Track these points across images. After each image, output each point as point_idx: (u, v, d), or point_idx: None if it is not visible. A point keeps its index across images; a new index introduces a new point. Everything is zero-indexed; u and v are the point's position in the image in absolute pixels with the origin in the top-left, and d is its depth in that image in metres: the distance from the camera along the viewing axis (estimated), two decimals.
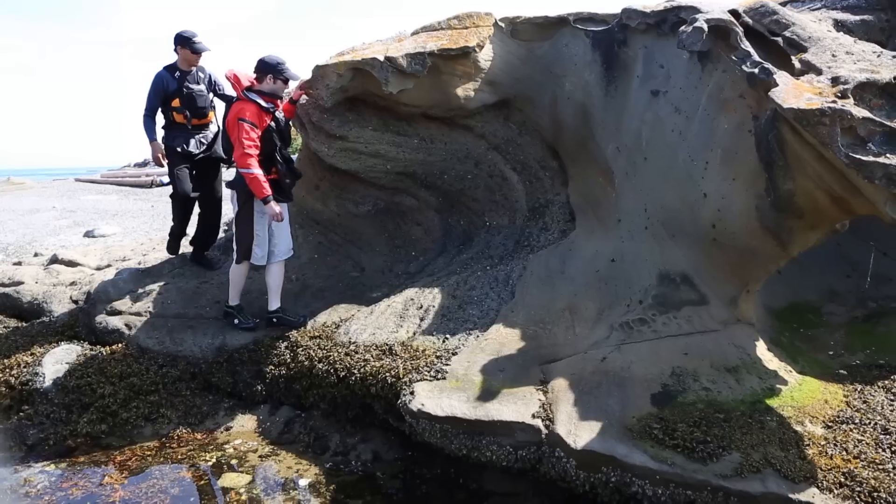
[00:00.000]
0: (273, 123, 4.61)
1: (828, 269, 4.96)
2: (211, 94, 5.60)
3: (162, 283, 5.52)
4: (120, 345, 4.90)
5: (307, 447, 4.14)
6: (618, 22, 4.75)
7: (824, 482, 2.83)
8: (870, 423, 3.18)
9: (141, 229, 9.68)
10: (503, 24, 5.19)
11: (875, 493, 2.73)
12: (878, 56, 3.55)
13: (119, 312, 5.14)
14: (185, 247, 6.66)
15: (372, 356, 4.13)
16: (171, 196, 5.73)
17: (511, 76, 5.22)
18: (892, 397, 3.41)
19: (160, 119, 5.52)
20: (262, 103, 4.56)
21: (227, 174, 5.63)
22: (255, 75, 4.63)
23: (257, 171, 4.47)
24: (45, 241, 9.05)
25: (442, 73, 4.98)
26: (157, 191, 15.20)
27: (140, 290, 5.42)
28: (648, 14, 4.49)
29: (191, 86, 5.41)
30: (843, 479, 2.82)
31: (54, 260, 6.82)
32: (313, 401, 4.34)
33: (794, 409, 3.33)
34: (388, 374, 3.89)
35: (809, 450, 3.02)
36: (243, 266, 4.85)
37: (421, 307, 4.56)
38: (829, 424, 3.20)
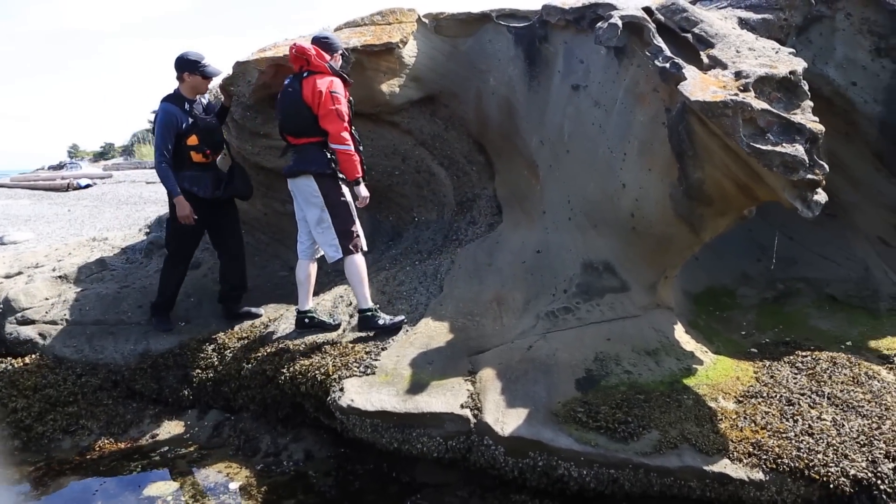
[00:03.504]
0: (350, 100, 4.29)
1: (741, 255, 5.21)
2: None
3: (79, 290, 5.28)
4: (33, 355, 4.66)
5: (237, 450, 4.06)
6: (539, 18, 4.85)
7: (735, 453, 3.00)
8: (776, 395, 3.39)
9: (57, 234, 9.18)
10: (426, 20, 5.21)
11: (779, 460, 2.92)
12: (777, 52, 3.77)
13: (32, 321, 4.89)
14: (106, 250, 6.39)
15: (301, 354, 4.09)
16: (166, 258, 4.85)
17: (436, 72, 5.25)
18: (795, 371, 3.65)
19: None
20: (347, 78, 4.25)
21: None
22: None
23: (353, 148, 4.13)
24: None
25: (366, 69, 4.96)
26: (74, 194, 14.48)
27: (55, 298, 5.17)
28: (567, 11, 4.60)
29: (204, 118, 4.63)
30: (751, 450, 3.00)
31: None
32: (243, 403, 4.26)
33: (709, 386, 3.51)
34: (317, 371, 3.86)
35: (722, 424, 3.19)
36: (361, 256, 4.23)
37: (350, 304, 4.55)
38: (740, 399, 3.40)
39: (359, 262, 4.20)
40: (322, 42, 4.25)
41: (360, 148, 4.32)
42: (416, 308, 4.39)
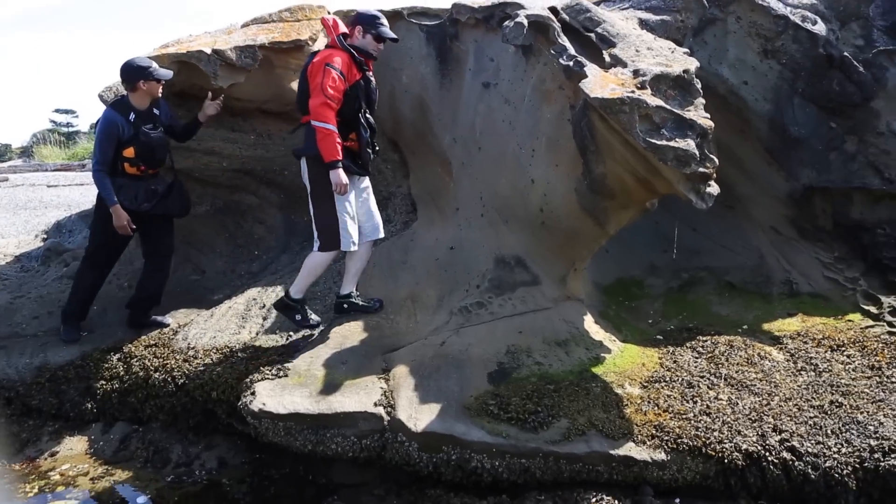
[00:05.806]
0: (362, 82, 3.92)
1: (649, 246, 5.42)
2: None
3: None
4: None
5: (146, 462, 3.89)
6: (449, 17, 4.90)
7: (639, 436, 3.13)
8: (678, 379, 3.55)
9: None
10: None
11: (679, 440, 3.07)
12: (673, 52, 3.95)
13: None
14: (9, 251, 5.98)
15: (212, 360, 3.97)
16: (84, 258, 4.60)
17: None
18: (696, 355, 3.84)
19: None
20: (356, 55, 3.88)
21: None
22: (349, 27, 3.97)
23: (334, 127, 3.70)
24: None
25: (275, 67, 4.85)
26: None
27: None
28: (477, 9, 4.67)
29: (149, 132, 4.27)
30: (654, 432, 3.14)
31: None
32: (151, 412, 4.08)
33: (616, 374, 3.64)
34: (228, 376, 3.76)
35: (627, 409, 3.31)
36: (328, 255, 3.99)
37: (264, 306, 4.45)
38: (645, 385, 3.54)
39: (321, 259, 4.01)
40: (352, 16, 4.04)
41: (368, 135, 4.00)
42: (331, 308, 4.34)
